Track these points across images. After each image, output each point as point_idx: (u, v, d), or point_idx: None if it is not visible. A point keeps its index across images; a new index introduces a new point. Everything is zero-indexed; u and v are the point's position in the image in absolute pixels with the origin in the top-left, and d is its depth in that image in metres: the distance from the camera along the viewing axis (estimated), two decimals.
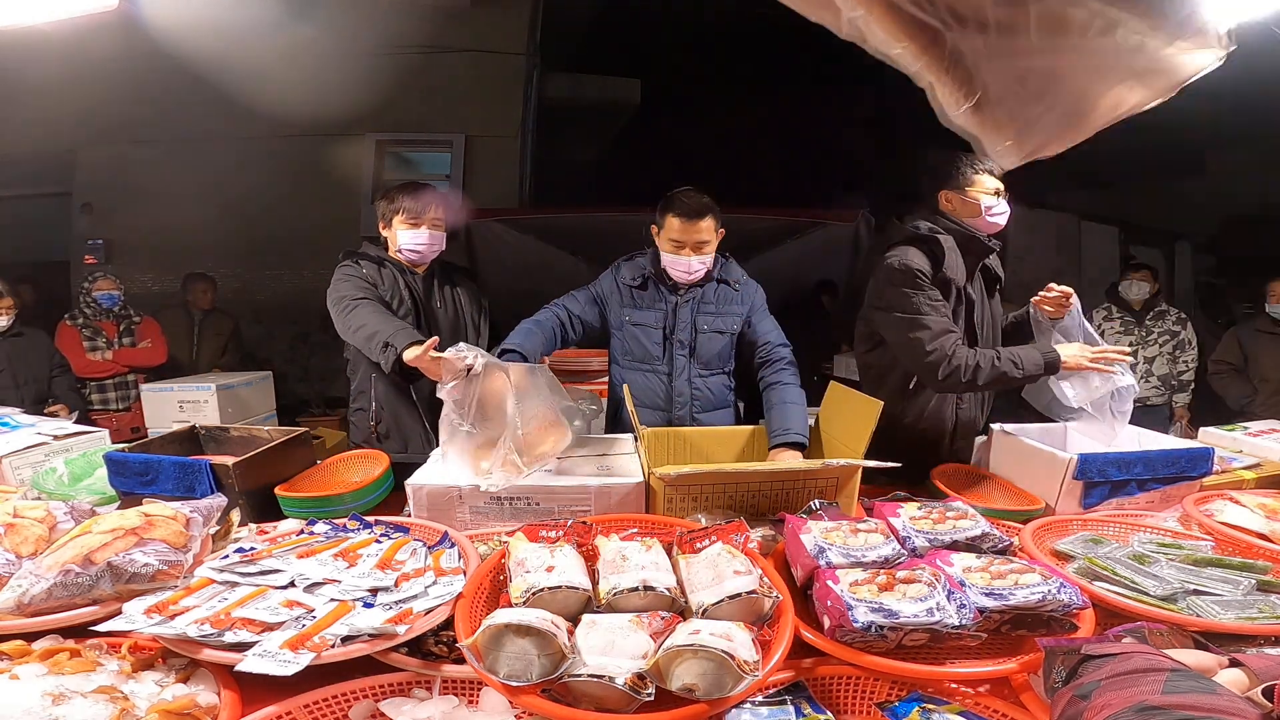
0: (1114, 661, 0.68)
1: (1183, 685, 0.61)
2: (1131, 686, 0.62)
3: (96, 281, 3.58)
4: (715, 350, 1.94)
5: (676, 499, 1.36)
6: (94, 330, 3.53)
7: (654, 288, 1.94)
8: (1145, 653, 0.70)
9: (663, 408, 1.95)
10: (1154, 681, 0.62)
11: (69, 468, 1.63)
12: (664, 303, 1.93)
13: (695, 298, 1.93)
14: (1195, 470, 1.52)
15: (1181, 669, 0.65)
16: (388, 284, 1.96)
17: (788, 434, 1.67)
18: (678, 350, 1.93)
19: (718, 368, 1.97)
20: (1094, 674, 0.67)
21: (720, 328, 1.93)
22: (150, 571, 1.02)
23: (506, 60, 5.77)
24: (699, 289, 1.93)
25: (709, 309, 1.93)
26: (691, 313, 1.92)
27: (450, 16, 5.56)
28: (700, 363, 1.94)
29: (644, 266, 1.96)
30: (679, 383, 1.94)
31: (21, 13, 1.50)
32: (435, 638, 0.97)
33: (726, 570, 0.98)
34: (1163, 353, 3.49)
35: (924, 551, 1.09)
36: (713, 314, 1.93)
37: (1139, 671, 0.64)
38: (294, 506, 1.45)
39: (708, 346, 1.93)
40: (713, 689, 0.80)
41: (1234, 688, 0.71)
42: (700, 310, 1.93)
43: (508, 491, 1.36)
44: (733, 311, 1.94)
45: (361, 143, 5.70)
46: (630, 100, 6.61)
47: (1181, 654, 0.77)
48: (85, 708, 0.79)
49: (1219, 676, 0.73)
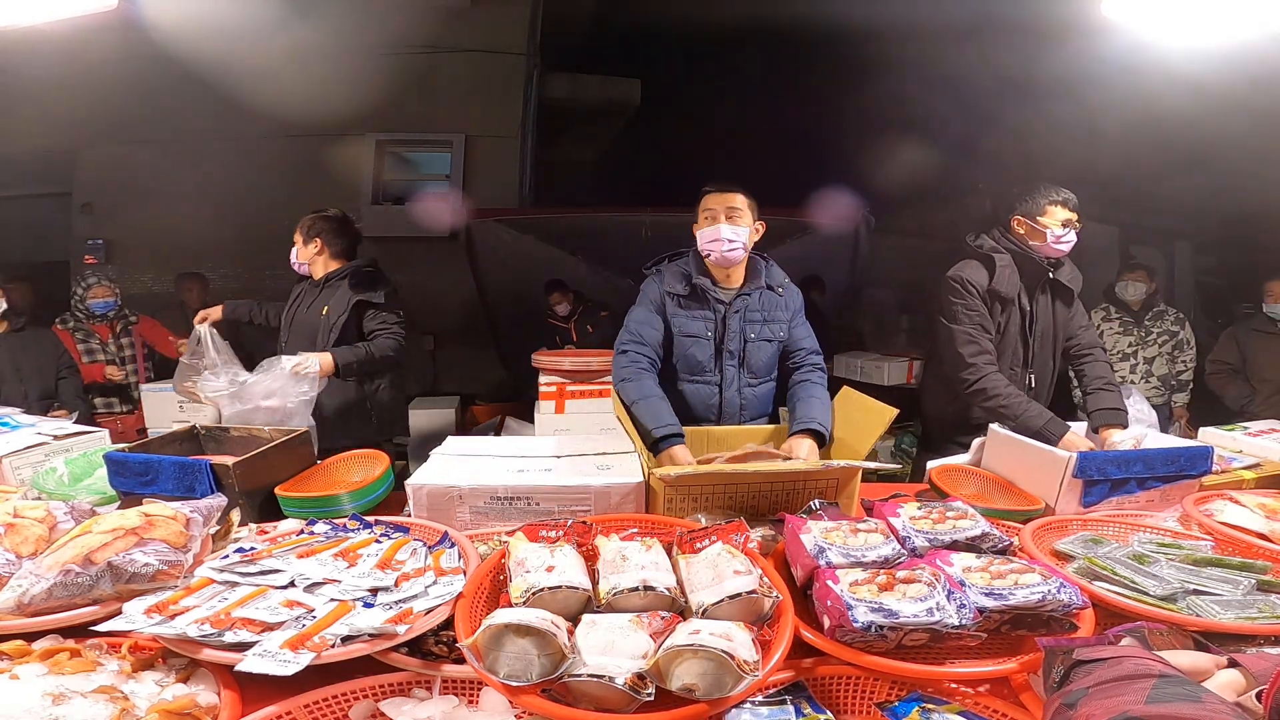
0: (1103, 667, 0.67)
1: (1168, 693, 0.60)
2: (1117, 695, 0.61)
3: (91, 289, 3.53)
4: (764, 359, 1.92)
5: (677, 499, 1.36)
6: (87, 334, 3.52)
7: (701, 296, 1.88)
8: (1137, 657, 0.69)
9: (714, 420, 1.92)
10: (1140, 689, 0.61)
11: (69, 468, 1.63)
12: (712, 312, 1.88)
13: (743, 306, 1.89)
14: (1195, 469, 1.52)
15: (1171, 675, 0.64)
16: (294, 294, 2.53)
17: (810, 421, 1.69)
18: (728, 361, 1.90)
19: (765, 376, 1.95)
20: (1083, 680, 0.67)
21: (768, 335, 1.91)
22: (150, 571, 1.02)
23: (506, 60, 5.78)
24: (746, 297, 1.89)
25: (756, 317, 1.90)
26: (740, 322, 1.88)
27: (450, 16, 5.57)
28: (750, 372, 1.92)
29: (688, 273, 1.89)
30: (729, 393, 1.91)
31: (21, 13, 1.51)
32: (435, 638, 0.96)
33: (726, 570, 0.98)
34: (1162, 353, 3.49)
35: (924, 551, 1.09)
36: (760, 322, 1.90)
37: (1126, 678, 0.64)
38: (294, 506, 1.45)
39: (757, 355, 1.91)
40: (713, 689, 0.80)
41: (1230, 690, 0.70)
42: (748, 319, 1.89)
43: (508, 491, 1.37)
44: (778, 318, 1.92)
45: (361, 143, 5.70)
46: (630, 100, 6.61)
47: (1178, 655, 0.77)
48: (85, 708, 0.79)
49: (1216, 678, 0.72)
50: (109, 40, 4.77)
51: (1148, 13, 2.23)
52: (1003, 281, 2.02)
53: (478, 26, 5.66)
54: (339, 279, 2.43)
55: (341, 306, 2.38)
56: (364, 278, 2.46)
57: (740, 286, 1.90)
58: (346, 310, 2.37)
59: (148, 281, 5.37)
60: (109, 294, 3.57)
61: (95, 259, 5.40)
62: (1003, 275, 2.02)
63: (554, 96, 6.31)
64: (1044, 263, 2.04)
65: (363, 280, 2.45)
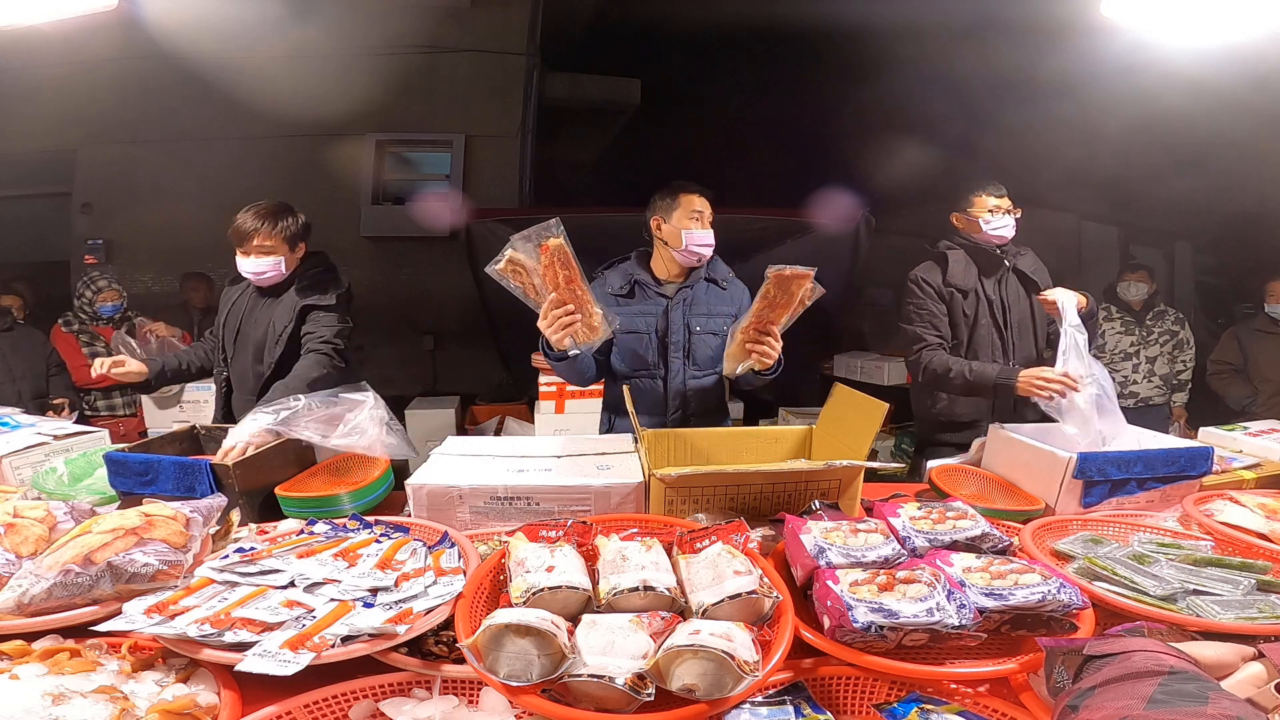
0: (1112, 664, 0.66)
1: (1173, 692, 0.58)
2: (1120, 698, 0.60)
3: (102, 293, 3.53)
4: (708, 352, 1.94)
5: (677, 500, 1.36)
6: (91, 336, 3.52)
7: (642, 292, 1.92)
8: (1148, 650, 0.67)
9: (659, 413, 1.94)
10: (1145, 689, 0.60)
11: (69, 468, 1.63)
12: (653, 306, 1.92)
13: (685, 299, 1.92)
14: (1195, 469, 1.52)
15: (1182, 670, 0.63)
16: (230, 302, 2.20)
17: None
18: (673, 354, 1.92)
19: (710, 369, 1.96)
20: (1091, 678, 0.66)
21: (713, 329, 1.93)
22: (150, 571, 1.02)
23: (506, 60, 5.77)
24: (688, 290, 1.92)
25: (700, 310, 1.93)
26: (683, 315, 1.92)
27: (450, 16, 5.57)
28: (695, 364, 1.94)
29: (630, 272, 1.94)
30: (674, 385, 1.93)
31: (21, 13, 1.50)
32: (435, 638, 0.96)
33: (726, 570, 0.98)
34: (1163, 352, 3.50)
35: (924, 551, 1.09)
36: (704, 315, 1.93)
37: (1133, 677, 0.62)
38: (294, 506, 1.45)
39: (701, 348, 1.93)
40: (713, 689, 0.80)
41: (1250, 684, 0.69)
42: (691, 312, 1.92)
43: (508, 491, 1.37)
44: (722, 312, 1.94)
45: (361, 143, 5.70)
46: (630, 100, 6.60)
47: (1203, 647, 0.75)
48: (85, 708, 0.79)
49: (1241, 673, 0.71)
50: (109, 40, 4.77)
51: (1148, 13, 2.24)
52: (957, 275, 2.17)
53: (478, 26, 5.66)
54: (285, 284, 2.11)
55: (288, 315, 2.08)
56: (313, 279, 2.13)
57: (682, 280, 1.94)
58: (293, 320, 2.07)
59: (148, 281, 5.37)
60: (118, 297, 3.59)
61: (95, 259, 5.40)
62: (957, 269, 2.17)
63: (554, 96, 6.30)
64: (995, 251, 2.18)
65: (314, 282, 2.13)
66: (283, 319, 2.09)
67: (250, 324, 2.14)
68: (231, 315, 2.17)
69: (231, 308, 2.18)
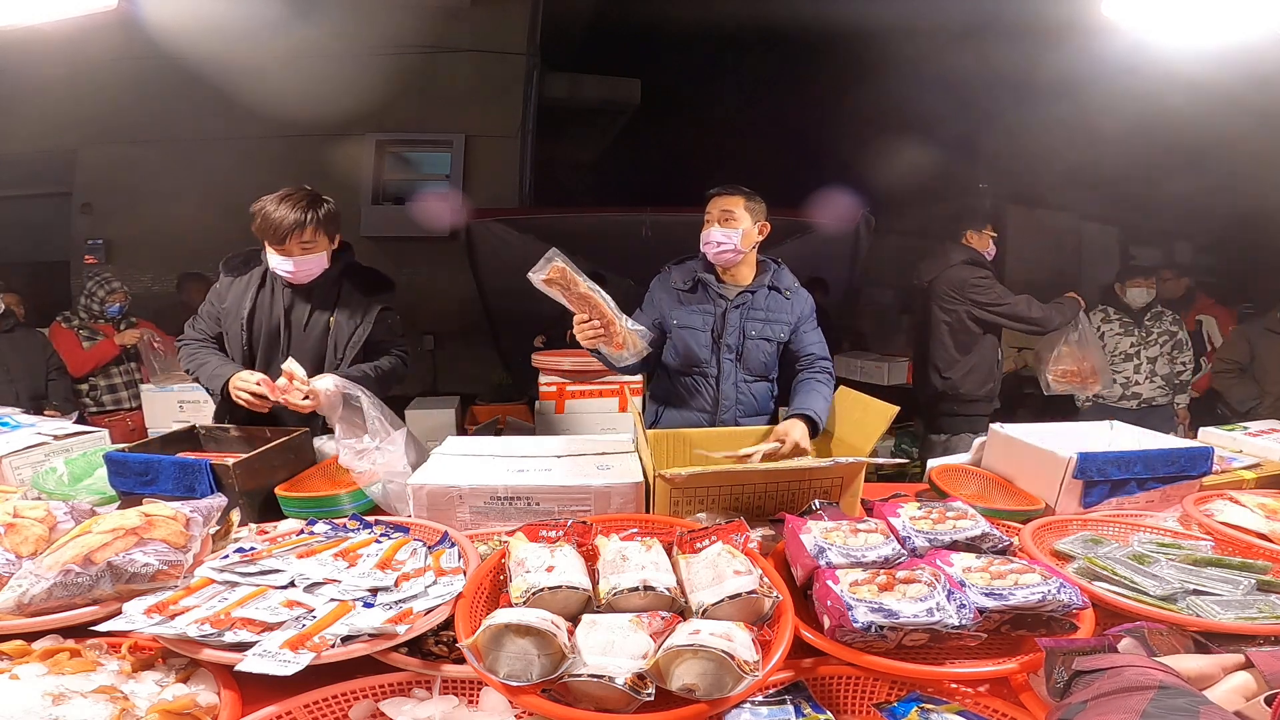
0: (1103, 679, 0.66)
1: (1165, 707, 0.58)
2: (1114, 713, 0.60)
3: (114, 293, 3.56)
4: (762, 358, 1.95)
5: (681, 500, 1.36)
6: (91, 332, 3.52)
7: (704, 291, 1.95)
8: (1138, 665, 0.67)
9: (708, 410, 1.96)
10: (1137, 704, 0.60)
11: (69, 468, 1.63)
12: (713, 306, 1.94)
13: (745, 303, 1.94)
14: (1195, 469, 1.52)
15: (1172, 685, 0.63)
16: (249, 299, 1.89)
17: (806, 408, 1.73)
18: (725, 354, 1.93)
19: (762, 375, 1.98)
20: (1082, 693, 0.66)
21: (768, 335, 1.94)
22: (150, 571, 1.02)
23: (506, 60, 5.78)
24: (750, 294, 1.94)
25: (758, 315, 1.94)
26: (740, 318, 1.93)
27: (450, 16, 5.57)
28: (746, 368, 1.95)
29: (694, 270, 1.97)
30: (725, 386, 1.94)
31: (21, 13, 1.50)
32: (435, 638, 0.96)
33: (726, 570, 0.98)
34: (1163, 353, 3.49)
35: (924, 551, 1.09)
36: (761, 320, 1.94)
37: (1125, 691, 0.62)
38: (294, 506, 1.45)
39: (755, 353, 1.94)
40: (713, 689, 0.80)
41: (1238, 694, 0.69)
42: (749, 316, 1.94)
43: (508, 491, 1.37)
44: (781, 320, 1.96)
45: (361, 143, 5.71)
46: (630, 100, 6.61)
47: (1184, 660, 0.75)
48: (85, 708, 0.79)
49: (1228, 682, 0.71)
50: (109, 40, 4.77)
51: (1148, 12, 2.24)
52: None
53: (478, 26, 5.67)
54: (331, 280, 1.92)
55: (358, 317, 1.91)
56: (369, 277, 1.97)
57: (745, 285, 1.96)
58: (366, 321, 1.91)
59: (148, 281, 5.38)
60: (125, 298, 3.64)
61: (95, 259, 5.41)
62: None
63: (554, 96, 6.31)
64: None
65: (375, 280, 1.97)
66: (351, 321, 1.91)
67: (294, 324, 1.90)
68: (258, 313, 1.90)
69: (255, 305, 1.90)
